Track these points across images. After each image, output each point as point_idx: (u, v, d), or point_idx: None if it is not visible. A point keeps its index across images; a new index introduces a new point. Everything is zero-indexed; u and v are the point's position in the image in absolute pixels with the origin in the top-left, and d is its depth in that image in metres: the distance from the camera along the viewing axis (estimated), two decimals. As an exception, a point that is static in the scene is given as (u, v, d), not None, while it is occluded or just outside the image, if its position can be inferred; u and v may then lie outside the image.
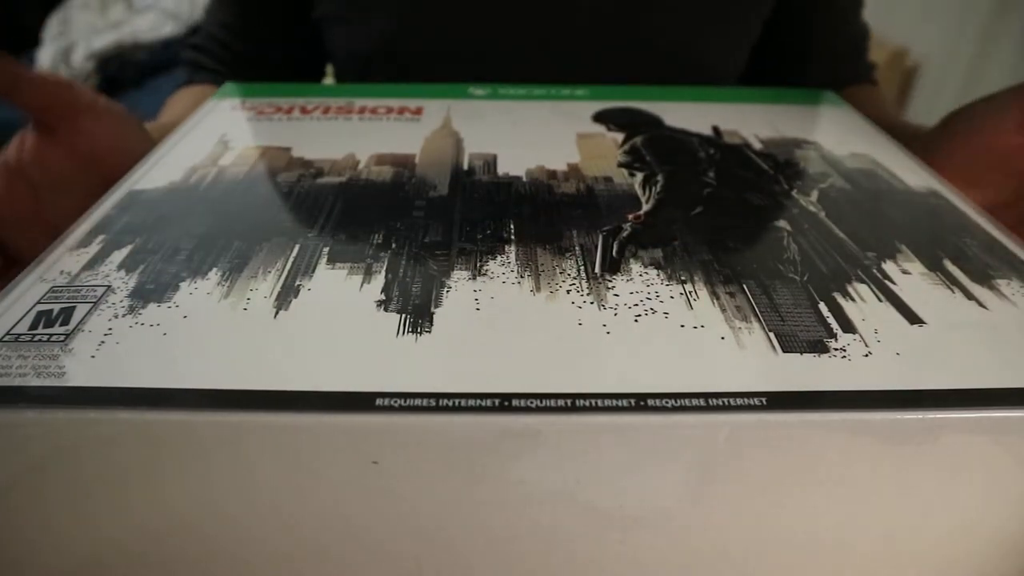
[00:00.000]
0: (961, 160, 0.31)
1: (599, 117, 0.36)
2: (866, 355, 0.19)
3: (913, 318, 0.20)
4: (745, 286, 0.21)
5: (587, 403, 0.17)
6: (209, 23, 0.51)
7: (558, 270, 0.22)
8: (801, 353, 0.19)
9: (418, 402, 0.17)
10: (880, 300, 0.21)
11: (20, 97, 0.28)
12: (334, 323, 0.19)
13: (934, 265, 0.23)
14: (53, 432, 0.16)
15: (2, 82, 0.27)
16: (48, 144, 0.30)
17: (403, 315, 0.20)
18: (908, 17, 1.43)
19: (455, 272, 0.22)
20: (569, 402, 0.17)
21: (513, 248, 0.24)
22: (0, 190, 0.29)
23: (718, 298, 0.21)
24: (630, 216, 0.26)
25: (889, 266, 0.23)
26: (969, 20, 1.29)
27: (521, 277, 0.22)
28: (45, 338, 0.19)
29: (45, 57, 1.34)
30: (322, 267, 0.22)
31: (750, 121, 0.36)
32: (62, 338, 0.19)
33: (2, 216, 0.29)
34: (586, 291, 0.21)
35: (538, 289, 0.21)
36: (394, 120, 0.35)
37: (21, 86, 0.28)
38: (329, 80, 0.57)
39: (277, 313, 0.20)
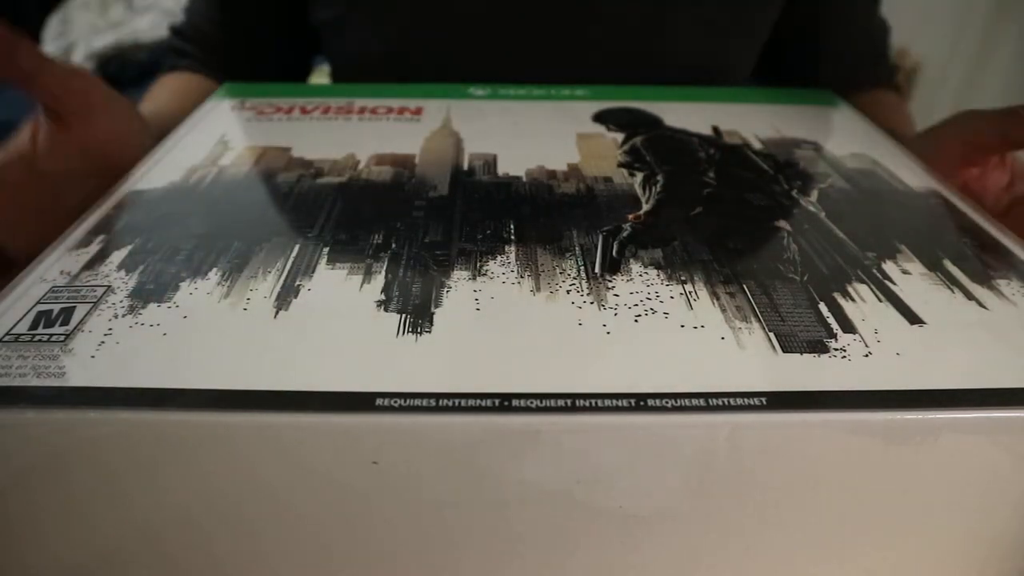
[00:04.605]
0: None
1: (599, 117, 0.36)
2: (866, 355, 0.19)
3: (913, 318, 0.20)
4: (745, 286, 0.21)
5: (587, 403, 0.17)
6: (191, 9, 0.50)
7: (558, 270, 0.22)
8: (801, 353, 0.19)
9: (418, 402, 0.17)
10: (880, 300, 0.21)
11: (38, 87, 0.27)
12: (334, 323, 0.19)
13: (934, 265, 0.23)
14: (53, 432, 0.16)
15: (25, 69, 0.26)
16: (62, 136, 0.29)
17: (403, 315, 0.20)
18: (908, 17, 1.42)
19: (455, 272, 0.22)
20: (569, 402, 0.17)
21: (513, 248, 0.24)
22: (19, 179, 0.28)
23: (718, 298, 0.21)
24: (630, 216, 0.26)
25: (889, 266, 0.23)
26: (969, 20, 1.29)
27: (521, 277, 0.22)
28: (45, 338, 0.19)
29: (45, 57, 1.34)
30: (322, 267, 0.22)
31: (750, 121, 0.36)
32: (62, 338, 0.19)
33: (22, 205, 0.28)
34: (586, 291, 0.21)
35: (538, 289, 0.21)
36: (394, 120, 0.35)
37: (43, 76, 0.27)
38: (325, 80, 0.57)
39: (277, 313, 0.20)
